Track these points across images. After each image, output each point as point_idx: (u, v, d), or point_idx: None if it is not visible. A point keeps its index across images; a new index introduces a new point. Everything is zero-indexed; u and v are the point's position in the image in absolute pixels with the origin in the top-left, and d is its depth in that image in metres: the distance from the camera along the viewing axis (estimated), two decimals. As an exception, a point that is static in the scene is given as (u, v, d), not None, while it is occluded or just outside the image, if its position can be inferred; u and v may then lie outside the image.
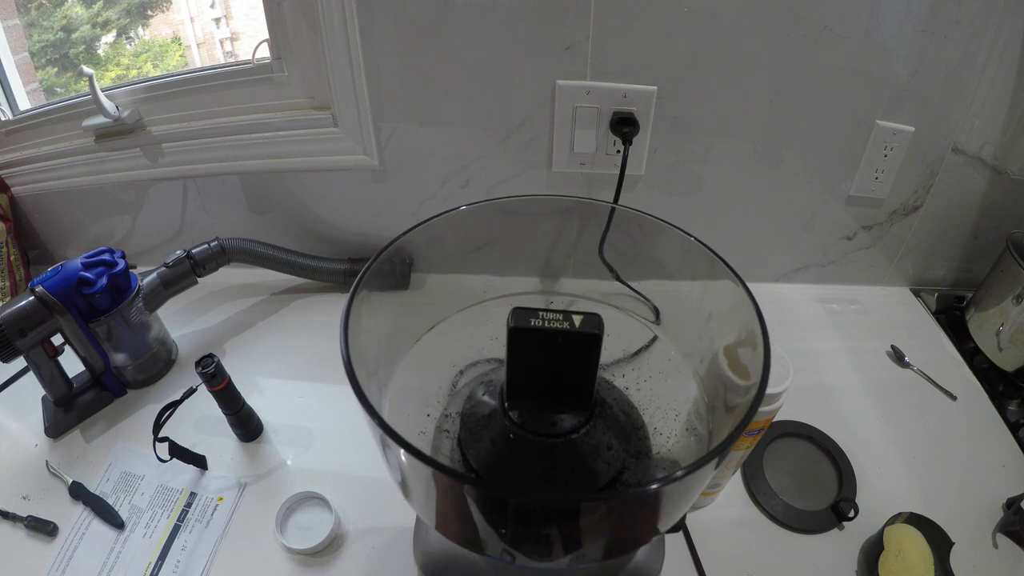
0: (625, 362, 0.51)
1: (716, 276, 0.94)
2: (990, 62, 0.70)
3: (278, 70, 0.80)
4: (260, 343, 0.85)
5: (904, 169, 0.79)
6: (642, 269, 0.90)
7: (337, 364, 0.31)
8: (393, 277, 0.83)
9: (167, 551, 0.60)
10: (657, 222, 0.48)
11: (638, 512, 0.31)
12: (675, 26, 0.69)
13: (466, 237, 0.92)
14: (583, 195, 0.84)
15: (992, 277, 0.82)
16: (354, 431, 0.71)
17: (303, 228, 0.93)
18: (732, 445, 0.29)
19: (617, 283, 0.88)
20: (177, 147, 0.86)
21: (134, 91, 0.85)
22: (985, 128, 0.76)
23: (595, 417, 0.35)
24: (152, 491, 0.65)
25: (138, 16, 1.02)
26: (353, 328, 0.34)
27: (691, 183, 0.83)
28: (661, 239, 0.54)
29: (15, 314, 0.64)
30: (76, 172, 0.91)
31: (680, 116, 0.76)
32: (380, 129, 0.79)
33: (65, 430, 0.72)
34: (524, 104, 0.76)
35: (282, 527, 0.60)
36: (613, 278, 0.87)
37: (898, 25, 0.68)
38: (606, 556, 0.31)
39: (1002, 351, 0.79)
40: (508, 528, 0.30)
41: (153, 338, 0.77)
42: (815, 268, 0.93)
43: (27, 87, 0.95)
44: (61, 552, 0.60)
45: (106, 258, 0.70)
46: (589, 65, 0.72)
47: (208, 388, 0.64)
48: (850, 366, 0.81)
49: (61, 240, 1.02)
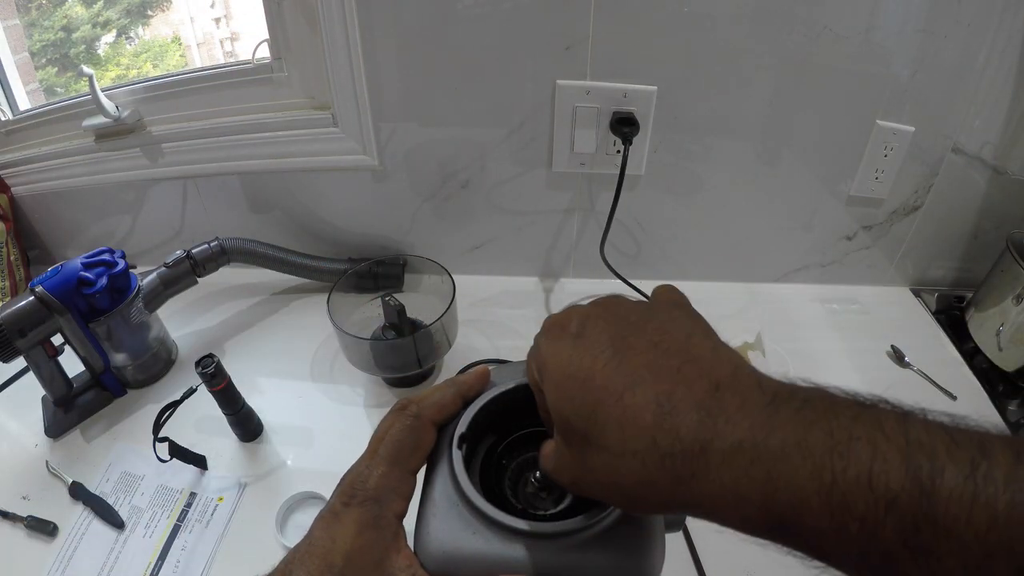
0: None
1: (722, 277, 0.95)
2: (990, 62, 0.70)
3: (278, 70, 0.80)
4: (260, 343, 0.85)
5: (904, 169, 0.79)
6: (644, 269, 0.90)
7: (337, 364, 0.31)
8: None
9: (167, 551, 0.60)
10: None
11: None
12: (675, 26, 0.69)
13: (466, 237, 0.92)
14: (583, 195, 0.84)
15: (992, 277, 0.82)
16: (354, 431, 0.71)
17: (303, 228, 0.93)
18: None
19: (618, 283, 0.89)
20: (177, 147, 0.86)
21: (134, 91, 0.85)
22: (985, 128, 0.76)
23: None
24: (152, 491, 0.65)
25: (138, 16, 1.03)
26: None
27: (691, 183, 0.83)
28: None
29: (15, 314, 0.64)
30: (76, 172, 0.91)
31: (680, 116, 0.76)
32: (380, 129, 0.79)
33: (65, 430, 0.72)
34: (524, 104, 0.76)
35: (282, 527, 0.60)
36: (614, 277, 0.87)
37: (898, 25, 0.68)
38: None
39: (1002, 351, 0.79)
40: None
41: (153, 338, 0.77)
42: (815, 268, 0.93)
43: (27, 87, 0.95)
44: (61, 552, 0.60)
45: (106, 258, 0.70)
46: (589, 65, 0.72)
47: (208, 388, 0.64)
48: (850, 366, 0.81)
49: (61, 240, 1.02)
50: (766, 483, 0.19)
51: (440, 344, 0.72)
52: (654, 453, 0.21)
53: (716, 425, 0.21)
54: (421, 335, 0.69)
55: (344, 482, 0.29)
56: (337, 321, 0.69)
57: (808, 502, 0.19)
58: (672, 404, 0.22)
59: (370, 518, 0.27)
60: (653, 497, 0.22)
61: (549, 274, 0.96)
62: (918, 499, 0.17)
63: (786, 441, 0.19)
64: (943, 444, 0.18)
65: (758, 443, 0.20)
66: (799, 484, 0.19)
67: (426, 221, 0.89)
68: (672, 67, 0.72)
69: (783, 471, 0.19)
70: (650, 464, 0.21)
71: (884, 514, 0.18)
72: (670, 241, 0.90)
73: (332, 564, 0.26)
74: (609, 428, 0.23)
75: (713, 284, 0.94)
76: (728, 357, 0.23)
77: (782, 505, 0.19)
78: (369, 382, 0.77)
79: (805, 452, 0.19)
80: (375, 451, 0.30)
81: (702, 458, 0.20)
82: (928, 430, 0.19)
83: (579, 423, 0.24)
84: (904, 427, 0.19)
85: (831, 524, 0.18)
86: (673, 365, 0.23)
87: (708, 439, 0.20)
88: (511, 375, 0.33)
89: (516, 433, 0.33)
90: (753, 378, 0.22)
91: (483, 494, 0.28)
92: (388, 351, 0.70)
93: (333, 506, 0.28)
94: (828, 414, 0.20)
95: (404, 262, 0.82)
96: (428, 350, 0.71)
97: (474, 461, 0.32)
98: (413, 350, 0.69)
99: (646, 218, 0.87)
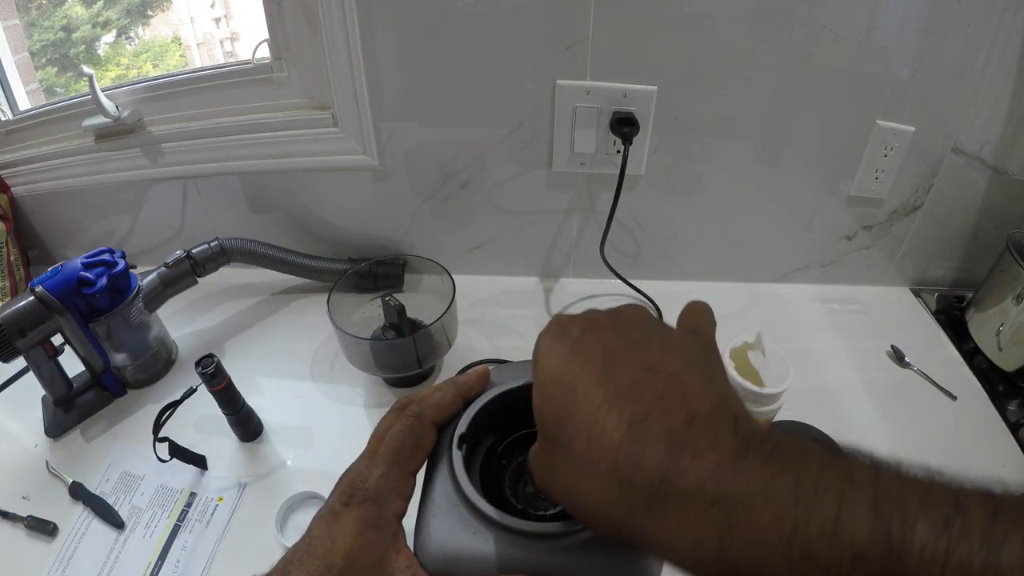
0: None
1: (722, 277, 0.95)
2: (990, 62, 0.70)
3: (278, 70, 0.80)
4: (260, 343, 0.85)
5: (904, 169, 0.79)
6: (644, 269, 0.90)
7: (337, 364, 0.31)
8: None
9: (167, 551, 0.60)
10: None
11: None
12: (675, 26, 0.69)
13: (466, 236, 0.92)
14: (583, 195, 0.84)
15: (992, 277, 0.82)
16: (354, 431, 0.71)
17: (303, 228, 0.93)
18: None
19: (617, 283, 0.89)
20: (177, 147, 0.86)
21: (134, 91, 0.85)
22: (985, 128, 0.76)
23: None
24: (152, 491, 0.65)
25: (138, 16, 1.03)
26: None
27: (691, 183, 0.83)
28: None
29: (15, 314, 0.64)
30: (76, 172, 0.91)
31: (680, 116, 0.76)
32: (380, 129, 0.79)
33: (65, 430, 0.72)
34: (524, 104, 0.76)
35: (282, 527, 0.60)
36: (614, 277, 0.88)
37: (898, 25, 0.68)
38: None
39: (1002, 351, 0.79)
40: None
41: (153, 338, 0.77)
42: (815, 268, 0.93)
43: (27, 87, 0.95)
44: (61, 552, 0.60)
45: (106, 258, 0.70)
46: (589, 65, 0.72)
47: (208, 388, 0.64)
48: (850, 366, 0.81)
49: (61, 240, 1.02)
50: (723, 529, 0.19)
51: (440, 344, 0.72)
52: (614, 474, 0.21)
53: (681, 460, 0.20)
54: (421, 335, 0.69)
55: (343, 481, 0.29)
56: (337, 321, 0.69)
57: (768, 551, 0.18)
58: (643, 429, 0.21)
59: (370, 518, 0.27)
60: (607, 518, 0.22)
61: (549, 274, 0.96)
62: (887, 554, 0.16)
63: (750, 487, 0.19)
64: (916, 498, 0.17)
65: (720, 486, 0.19)
66: (759, 532, 0.18)
67: (426, 221, 0.89)
68: (672, 67, 0.72)
69: (742, 517, 0.18)
70: (608, 484, 0.21)
71: (849, 568, 0.17)
72: (670, 241, 0.90)
73: (331, 564, 0.26)
74: (578, 438, 0.22)
75: (713, 284, 0.94)
76: (718, 392, 0.23)
77: (738, 554, 0.18)
78: (369, 382, 0.77)
79: (768, 499, 0.18)
80: (375, 451, 0.30)
81: (660, 491, 0.20)
82: (901, 483, 0.18)
83: (552, 426, 0.24)
84: (876, 479, 0.18)
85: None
86: (658, 390, 0.22)
87: (669, 474, 0.20)
88: (511, 375, 0.33)
89: (516, 433, 0.33)
90: (732, 418, 0.21)
91: (483, 494, 0.28)
92: (388, 351, 0.70)
93: (332, 505, 0.28)
94: (797, 462, 0.19)
95: (404, 262, 0.82)
96: (428, 350, 0.71)
97: (474, 461, 0.32)
98: (413, 350, 0.69)
99: (646, 218, 0.87)
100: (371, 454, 0.30)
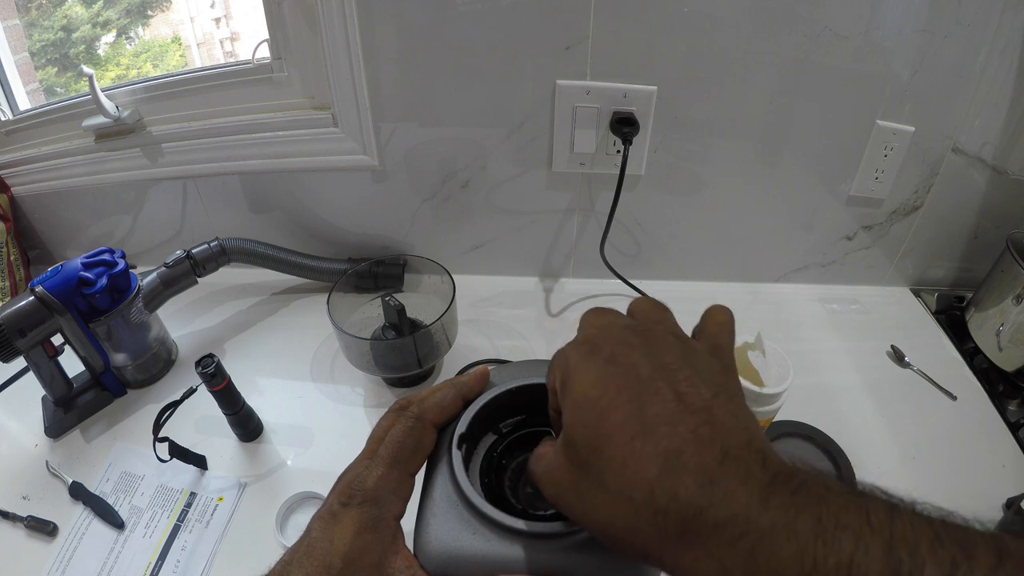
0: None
1: (722, 277, 0.95)
2: (990, 62, 0.70)
3: (278, 70, 0.80)
4: (260, 343, 0.85)
5: (904, 169, 0.79)
6: (644, 269, 0.90)
7: (337, 364, 0.31)
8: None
9: (167, 551, 0.60)
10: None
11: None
12: (675, 26, 0.69)
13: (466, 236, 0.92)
14: (583, 195, 0.84)
15: (992, 277, 0.82)
16: (354, 431, 0.71)
17: (303, 228, 0.93)
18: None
19: (617, 283, 0.89)
20: (177, 147, 0.86)
21: (134, 91, 0.85)
22: (985, 128, 0.76)
23: None
24: (152, 491, 0.65)
25: (138, 16, 1.02)
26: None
27: (691, 183, 0.83)
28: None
29: (15, 314, 0.64)
30: (76, 172, 0.91)
31: (680, 116, 0.76)
32: (380, 129, 0.79)
33: (65, 430, 0.72)
34: (524, 104, 0.76)
35: (282, 527, 0.60)
36: (614, 277, 0.88)
37: (898, 25, 0.68)
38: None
39: (1002, 351, 0.79)
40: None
41: (153, 338, 0.77)
42: (815, 268, 0.93)
43: (27, 87, 0.95)
44: (61, 552, 0.60)
45: (106, 258, 0.70)
46: (589, 65, 0.72)
47: (208, 388, 0.64)
48: (850, 366, 0.81)
49: (61, 240, 1.02)
50: (748, 558, 0.20)
51: (440, 344, 0.72)
52: (649, 506, 0.21)
53: (714, 494, 0.21)
54: (421, 335, 0.69)
55: (342, 481, 0.29)
56: (337, 321, 0.69)
57: None
58: (679, 464, 0.22)
59: (368, 519, 0.27)
60: (636, 545, 0.22)
61: (549, 274, 0.96)
62: None
63: (776, 522, 0.20)
64: (927, 540, 0.18)
65: (750, 519, 0.20)
66: (780, 564, 0.19)
67: (426, 221, 0.89)
68: (672, 67, 0.72)
69: (766, 549, 0.19)
70: (642, 515, 0.22)
71: None
72: (670, 241, 0.90)
73: (331, 565, 0.26)
74: (612, 467, 0.23)
75: (713, 284, 0.94)
76: (745, 425, 0.24)
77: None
78: (369, 382, 0.77)
79: (791, 535, 0.19)
80: (374, 451, 0.30)
81: (694, 522, 0.21)
82: (914, 524, 0.19)
83: (585, 451, 0.24)
84: (891, 519, 0.19)
85: None
86: (691, 424, 0.23)
87: (704, 506, 0.21)
88: (511, 375, 0.33)
89: (516, 433, 0.33)
90: (760, 453, 0.22)
91: (483, 494, 0.28)
92: (388, 351, 0.70)
93: (331, 506, 0.28)
94: (820, 501, 0.20)
95: (404, 262, 0.82)
96: (428, 350, 0.71)
97: (474, 461, 0.32)
98: (413, 350, 0.69)
99: (646, 218, 0.87)
100: (370, 455, 0.30)
